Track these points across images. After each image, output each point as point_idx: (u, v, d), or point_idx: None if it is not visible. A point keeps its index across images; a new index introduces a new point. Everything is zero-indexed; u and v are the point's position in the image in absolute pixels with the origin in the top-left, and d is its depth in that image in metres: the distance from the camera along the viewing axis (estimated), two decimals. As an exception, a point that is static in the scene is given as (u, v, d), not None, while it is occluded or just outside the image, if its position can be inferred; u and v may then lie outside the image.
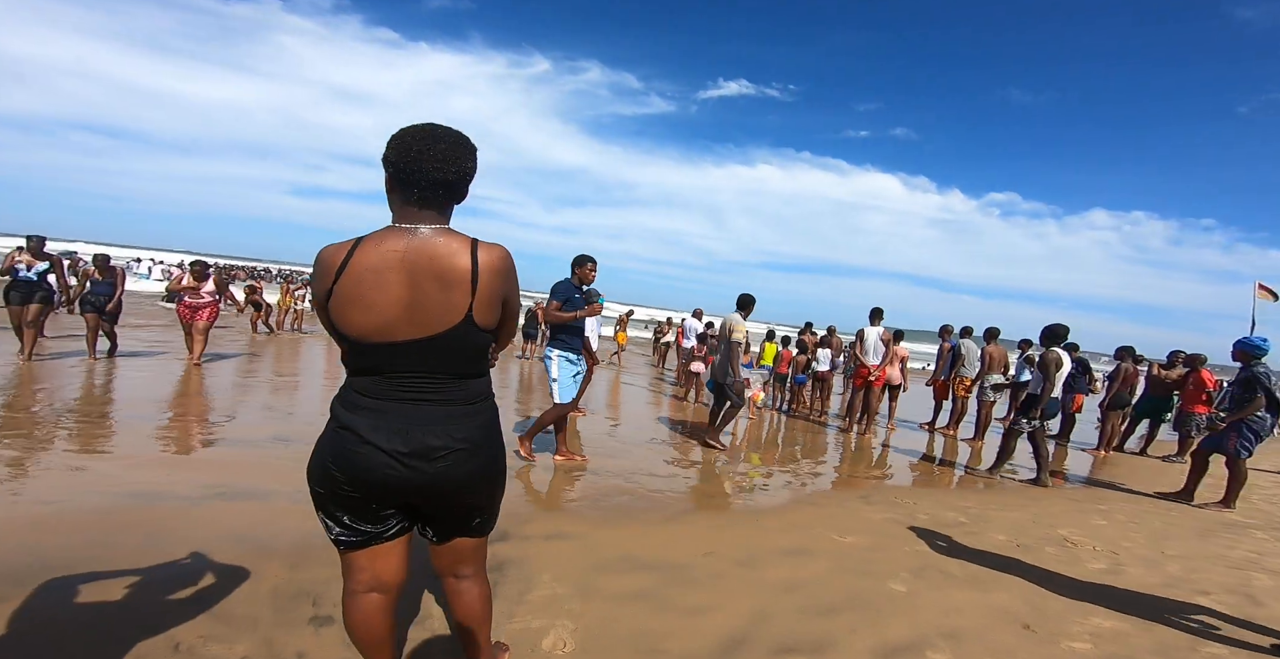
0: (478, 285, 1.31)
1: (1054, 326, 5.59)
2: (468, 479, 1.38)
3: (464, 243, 1.33)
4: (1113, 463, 7.45)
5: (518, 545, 2.91)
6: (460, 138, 1.38)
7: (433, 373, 1.34)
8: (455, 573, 1.57)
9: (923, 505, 4.35)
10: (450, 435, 1.34)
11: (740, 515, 3.75)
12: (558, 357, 4.32)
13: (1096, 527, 4.32)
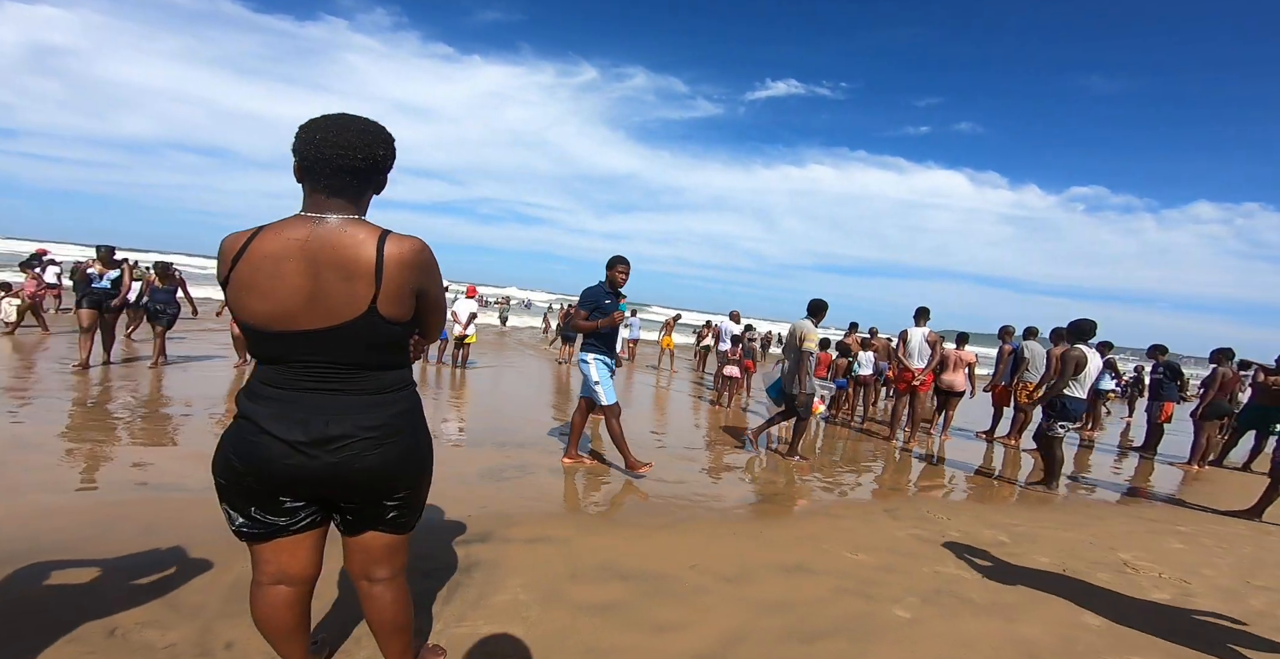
0: (382, 277, 1.28)
1: (1080, 322, 5.12)
2: (377, 469, 1.35)
3: (371, 233, 1.31)
4: (1206, 479, 6.55)
5: (495, 547, 2.83)
6: (369, 125, 1.36)
7: (337, 363, 1.32)
8: (368, 575, 1.51)
9: (958, 521, 3.94)
10: (355, 424, 1.32)
11: (745, 525, 3.50)
12: (594, 360, 4.24)
13: (1169, 551, 3.76)
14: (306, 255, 1.26)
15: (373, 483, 1.36)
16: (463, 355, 10.04)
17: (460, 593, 2.35)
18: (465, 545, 2.83)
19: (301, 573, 1.45)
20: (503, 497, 3.65)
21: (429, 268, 1.37)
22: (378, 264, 1.27)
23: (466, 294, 10.55)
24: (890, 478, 5.22)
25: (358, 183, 1.35)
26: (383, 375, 1.37)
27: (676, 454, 5.24)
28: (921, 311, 7.02)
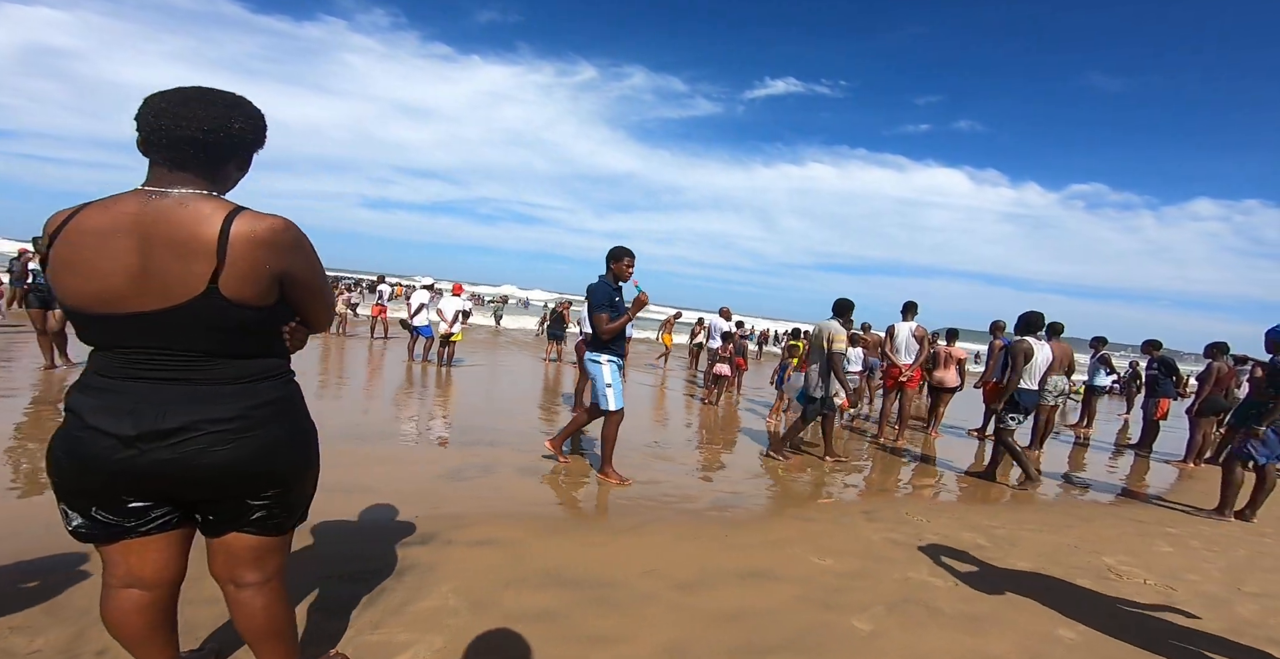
0: (226, 256, 1.17)
1: (1027, 314, 5.13)
2: (229, 465, 1.23)
3: (220, 209, 1.19)
4: (1200, 478, 6.38)
5: (436, 550, 2.70)
6: (222, 96, 1.25)
7: (174, 348, 1.21)
8: (234, 579, 1.40)
9: (938, 523, 3.78)
10: (201, 416, 1.21)
11: (713, 528, 3.35)
12: (608, 362, 3.97)
13: (1158, 555, 3.60)
14: (138, 231, 1.16)
15: (224, 480, 1.25)
16: (448, 353, 9.90)
17: (384, 598, 2.21)
18: (405, 547, 2.70)
19: (156, 577, 1.34)
20: (459, 497, 3.51)
21: (292, 249, 1.25)
22: (221, 241, 1.16)
23: (453, 292, 10.40)
24: (874, 478, 5.06)
25: (206, 157, 1.23)
26: (241, 363, 1.27)
27: (654, 453, 5.09)
28: (909, 306, 6.86)
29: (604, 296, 3.89)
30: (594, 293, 3.92)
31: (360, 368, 9.16)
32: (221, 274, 1.16)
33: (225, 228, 1.16)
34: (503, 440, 5.09)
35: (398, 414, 5.84)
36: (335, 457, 4.07)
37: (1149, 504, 4.97)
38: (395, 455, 4.27)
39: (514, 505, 3.46)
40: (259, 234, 1.19)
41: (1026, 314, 5.13)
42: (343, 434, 4.70)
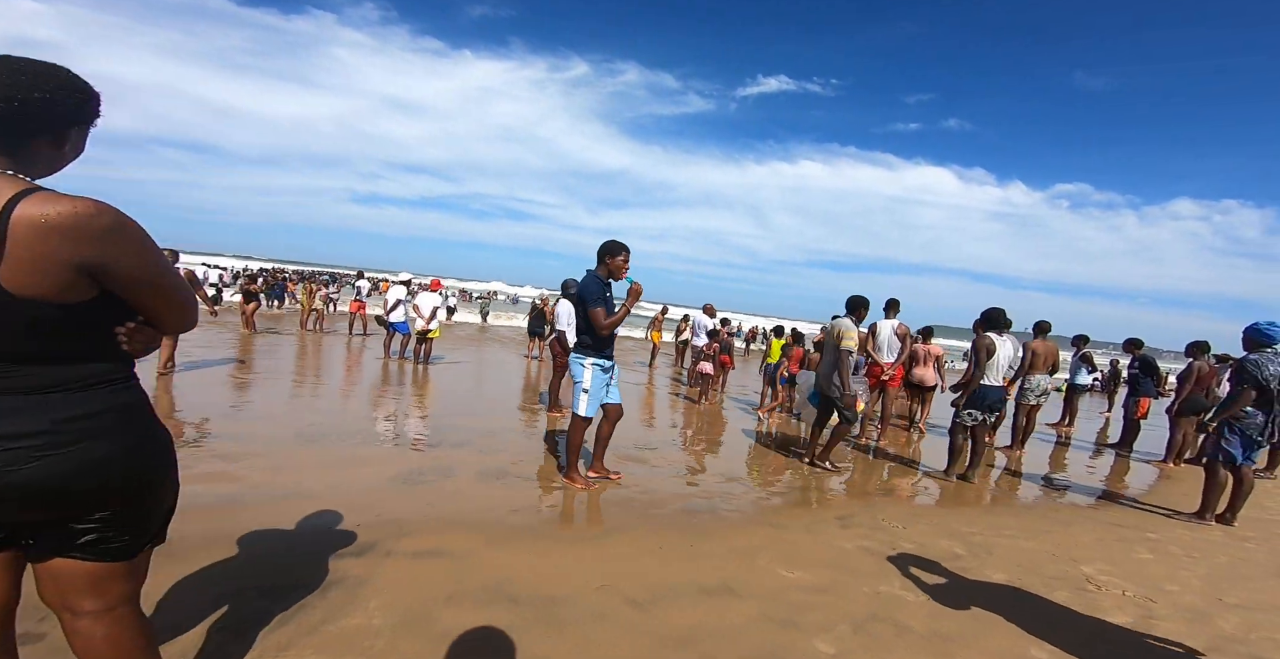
0: (5, 243, 0.99)
1: (989, 311, 5.08)
2: (39, 485, 1.07)
3: (7, 189, 1.02)
4: (1181, 478, 6.33)
5: (373, 562, 2.53)
6: (25, 63, 1.08)
7: None
8: (69, 607, 1.23)
9: (915, 530, 3.65)
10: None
11: (678, 537, 3.19)
12: (590, 364, 3.73)
13: (1137, 563, 3.49)
14: None
15: (30, 502, 1.09)
16: (425, 351, 9.64)
17: (301, 615, 2.03)
18: (338, 559, 2.52)
19: None
20: (410, 503, 3.32)
21: (102, 237, 1.07)
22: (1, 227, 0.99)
23: (430, 287, 10.15)
24: (854, 480, 4.93)
25: (4, 130, 1.06)
26: (52, 370, 1.10)
27: (627, 454, 4.92)
28: (891, 304, 6.74)
29: (597, 291, 3.64)
30: (585, 288, 3.69)
31: (333, 365, 8.90)
32: (0, 264, 0.99)
33: (6, 211, 0.99)
34: (469, 442, 4.90)
35: (361, 414, 5.62)
36: (282, 460, 3.91)
37: (1129, 507, 4.89)
38: (349, 458, 4.07)
39: (469, 512, 3.28)
40: (50, 219, 1.02)
41: (988, 311, 5.07)
42: (297, 436, 4.49)
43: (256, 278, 14.20)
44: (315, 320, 13.14)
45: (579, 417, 3.80)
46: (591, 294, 3.66)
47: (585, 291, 3.69)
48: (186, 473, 3.41)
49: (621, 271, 3.74)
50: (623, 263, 3.73)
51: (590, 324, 3.70)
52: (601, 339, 3.75)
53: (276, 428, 4.68)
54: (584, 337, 3.80)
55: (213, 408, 5.20)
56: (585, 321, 3.74)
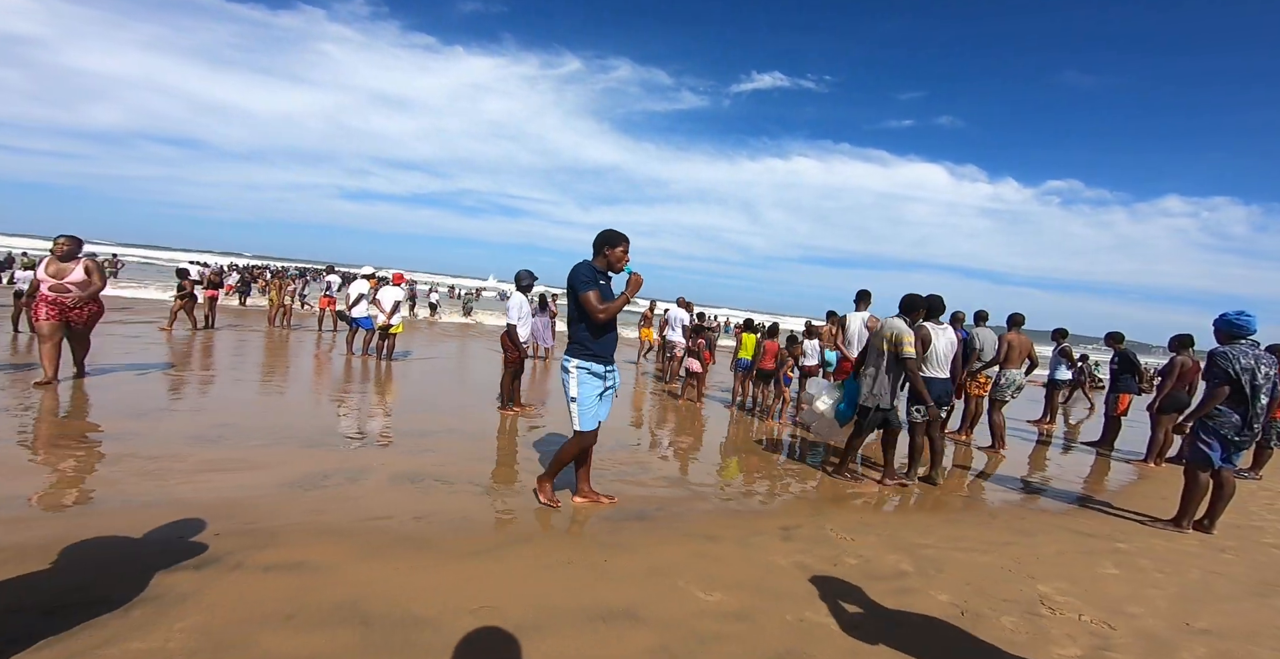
0: None
1: (913, 297, 4.65)
2: None
3: None
4: (1160, 479, 6.05)
5: (211, 576, 2.25)
6: None
7: None
8: None
9: (862, 543, 3.35)
10: None
11: (591, 551, 2.87)
12: (577, 369, 3.24)
13: (1100, 579, 3.20)
14: None
15: None
16: (388, 347, 9.31)
17: (79, 637, 1.76)
18: (170, 573, 2.23)
19: None
20: (293, 509, 3.02)
21: None
22: None
23: (393, 281, 9.78)
24: (807, 486, 4.63)
25: None
26: None
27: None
28: (862, 295, 6.43)
29: (588, 274, 3.19)
30: (575, 273, 3.18)
31: (283, 363, 8.55)
32: None
33: None
34: (397, 442, 4.58)
35: (285, 413, 5.28)
36: (168, 463, 3.52)
37: (1101, 513, 4.60)
38: (246, 460, 3.74)
39: (357, 520, 2.96)
40: None
41: (912, 296, 4.59)
42: (196, 437, 4.14)
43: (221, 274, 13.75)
44: (281, 316, 12.77)
45: (577, 432, 3.31)
46: (581, 276, 3.16)
47: (575, 277, 3.18)
48: (51, 477, 3.21)
49: (621, 264, 3.30)
50: (622, 254, 3.29)
51: (583, 314, 3.19)
52: (596, 334, 3.24)
53: (178, 428, 4.34)
54: (578, 333, 3.24)
55: (122, 407, 4.85)
56: (578, 311, 3.21)
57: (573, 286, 3.20)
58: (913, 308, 4.50)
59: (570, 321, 3.30)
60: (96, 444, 3.84)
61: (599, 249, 3.30)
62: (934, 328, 4.65)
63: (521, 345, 6.08)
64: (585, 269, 3.22)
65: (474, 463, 4.22)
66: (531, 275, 6.24)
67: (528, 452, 4.77)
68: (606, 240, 3.29)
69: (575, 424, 3.29)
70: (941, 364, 4.66)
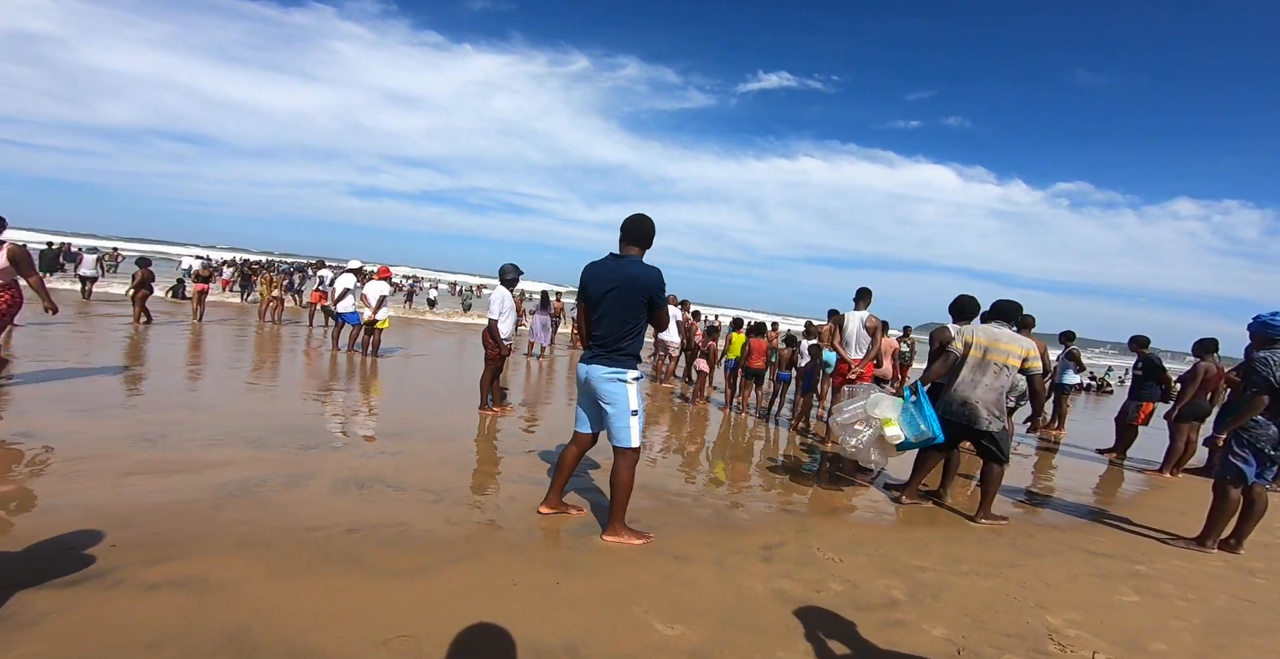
0: None
1: (958, 299, 4.39)
2: None
3: None
4: (1180, 491, 5.68)
5: (82, 595, 1.99)
6: None
7: None
8: None
9: (852, 565, 3.01)
10: None
11: (543, 571, 2.56)
12: (634, 379, 2.91)
13: (1117, 608, 2.85)
14: None
15: None
16: (373, 342, 9.03)
17: None
18: (35, 589, 1.98)
19: None
20: (211, 518, 2.73)
21: None
22: None
23: (378, 275, 9.51)
24: (795, 498, 4.29)
25: None
26: None
27: (545, 462, 4.29)
28: (862, 293, 6.08)
29: None
30: (661, 282, 2.89)
31: (264, 357, 8.28)
32: None
33: None
34: (357, 443, 4.29)
35: (248, 410, 4.98)
36: (89, 465, 3.20)
37: (1117, 529, 4.24)
38: (179, 463, 3.44)
39: (281, 531, 2.66)
40: None
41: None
42: (132, 436, 3.85)
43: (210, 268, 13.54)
44: (272, 311, 12.54)
45: (632, 450, 2.93)
46: (664, 287, 2.90)
47: (661, 286, 2.88)
48: None
49: None
50: None
51: (645, 325, 2.95)
52: (642, 344, 3.03)
53: (119, 427, 4.05)
54: (634, 344, 2.92)
55: (63, 404, 4.56)
56: (641, 322, 2.91)
57: (654, 296, 2.87)
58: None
59: (624, 331, 2.88)
60: (17, 443, 3.55)
61: (648, 239, 2.96)
62: (959, 329, 4.26)
63: (503, 343, 5.77)
64: (662, 278, 2.92)
65: (435, 468, 3.91)
66: (516, 270, 5.93)
67: (499, 456, 4.46)
68: (655, 229, 2.97)
69: (634, 440, 2.92)
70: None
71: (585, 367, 2.97)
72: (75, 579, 2.07)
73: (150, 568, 2.20)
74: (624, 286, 2.84)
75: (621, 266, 2.88)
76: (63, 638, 1.77)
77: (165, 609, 1.96)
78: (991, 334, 3.94)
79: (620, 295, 2.85)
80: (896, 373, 6.77)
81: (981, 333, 3.97)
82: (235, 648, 1.79)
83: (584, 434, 3.11)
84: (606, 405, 2.93)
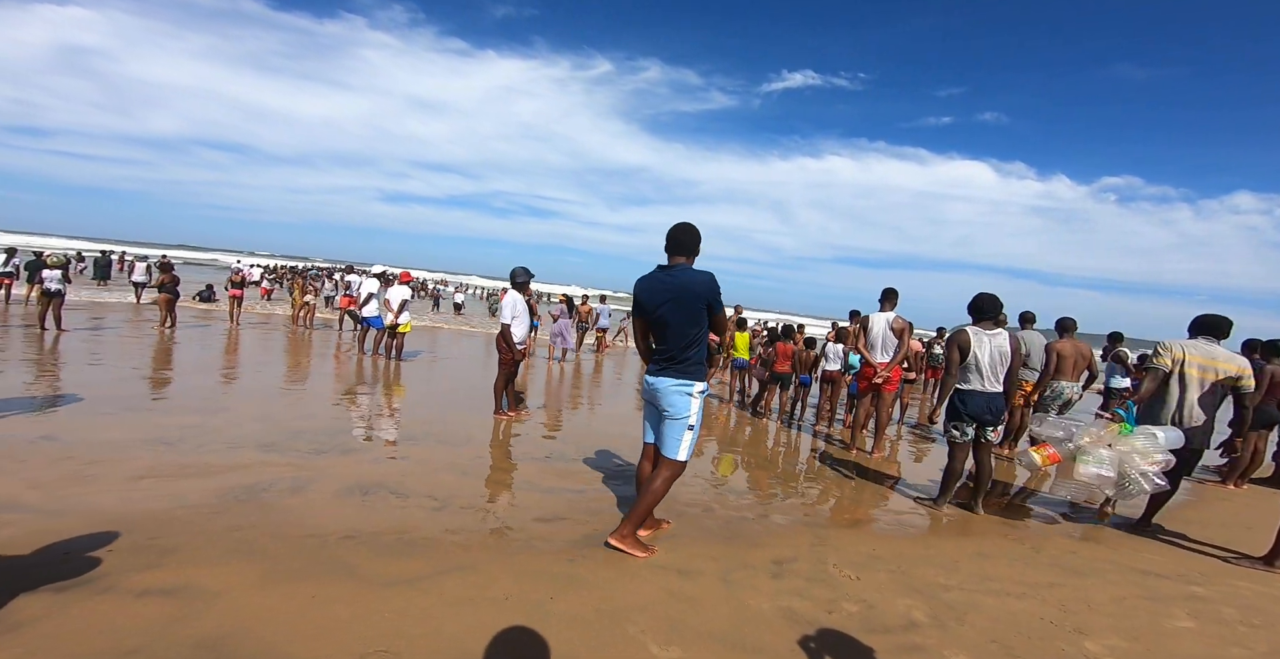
0: None
1: (976, 297, 4.13)
2: None
3: None
4: (1244, 504, 5.22)
5: (69, 599, 1.99)
6: None
7: None
8: None
9: (869, 583, 2.81)
10: None
11: (540, 585, 2.44)
12: (700, 393, 2.83)
13: (1169, 634, 2.57)
14: None
15: None
16: (396, 346, 9.16)
17: None
18: (27, 595, 2.00)
19: None
20: (210, 524, 2.73)
21: None
22: None
23: (400, 280, 9.65)
24: (815, 507, 4.09)
25: None
26: None
27: (556, 468, 4.21)
28: (888, 294, 5.82)
29: None
30: (716, 287, 2.77)
31: (290, 360, 8.47)
32: None
33: None
34: (361, 449, 4.28)
35: (267, 413, 5.05)
36: (105, 468, 3.27)
37: (1171, 546, 3.89)
38: (195, 465, 3.48)
39: (277, 538, 2.64)
40: None
41: (978, 296, 4.11)
42: (148, 440, 3.92)
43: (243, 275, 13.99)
44: (304, 316, 12.89)
45: (679, 462, 2.84)
46: (719, 292, 2.78)
47: (716, 291, 2.76)
48: None
49: None
50: None
51: (705, 332, 2.82)
52: (706, 354, 2.90)
53: (136, 430, 4.14)
54: (697, 353, 2.81)
55: (92, 407, 4.71)
56: (701, 328, 2.79)
57: (712, 302, 2.77)
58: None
59: (688, 341, 2.78)
60: (39, 445, 3.65)
61: (695, 246, 2.88)
62: (975, 333, 4.02)
63: (517, 346, 5.73)
64: (716, 282, 2.81)
65: (442, 473, 3.86)
66: (527, 272, 5.89)
67: (509, 463, 4.39)
68: (699, 237, 2.89)
69: (683, 455, 2.83)
70: (986, 375, 3.98)
71: (652, 378, 2.88)
72: (68, 585, 2.08)
73: (139, 574, 2.19)
74: (680, 296, 2.76)
75: (673, 277, 2.80)
76: (47, 643, 1.77)
77: (149, 617, 1.94)
78: (1206, 351, 3.78)
79: (678, 306, 2.77)
80: (923, 372, 6.44)
81: (1194, 349, 3.80)
82: (209, 658, 1.75)
83: (652, 446, 3.00)
84: (666, 415, 2.83)
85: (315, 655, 1.84)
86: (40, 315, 8.90)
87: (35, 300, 9.78)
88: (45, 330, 8.69)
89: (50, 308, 8.90)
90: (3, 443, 3.63)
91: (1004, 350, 3.98)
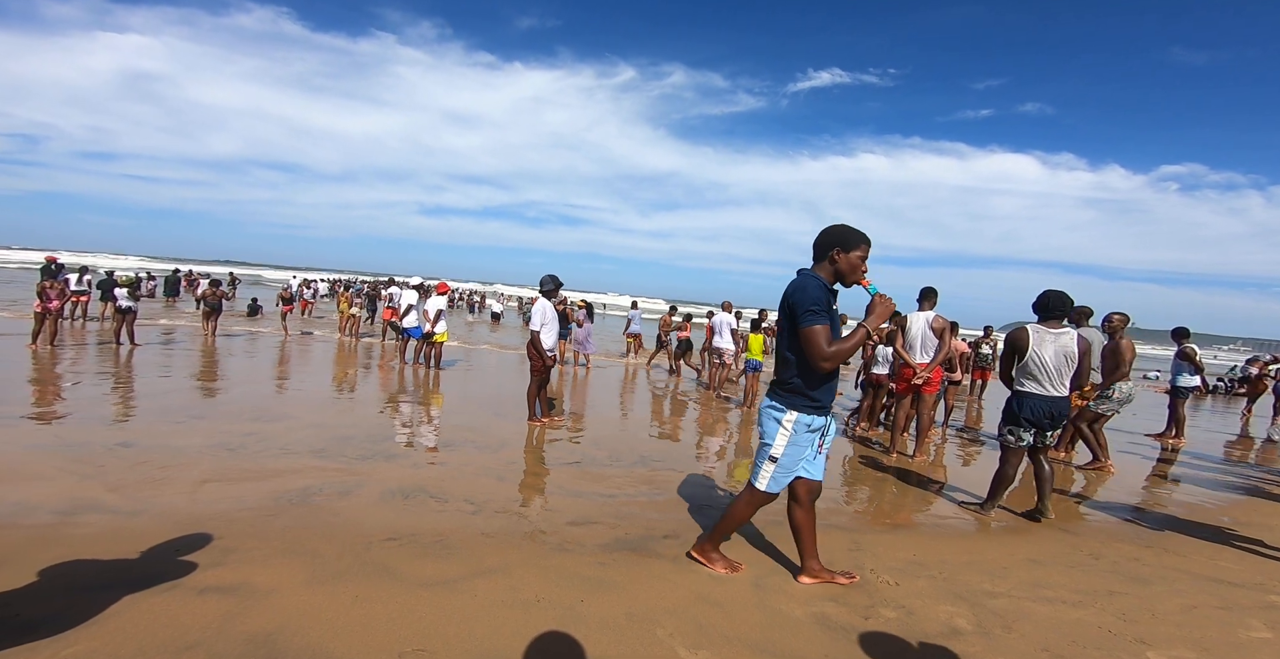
0: None
1: (1046, 295, 3.82)
2: None
3: None
4: (1333, 511, 4.78)
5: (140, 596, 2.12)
6: None
7: None
8: None
9: (910, 589, 2.72)
10: None
11: (566, 588, 2.47)
12: (792, 422, 2.46)
13: (1243, 647, 2.39)
14: None
15: None
16: (435, 355, 9.43)
17: None
18: (101, 591, 2.15)
19: None
20: (266, 526, 2.90)
21: None
22: None
23: (437, 291, 9.94)
24: (854, 510, 3.98)
25: None
26: None
27: (587, 473, 4.25)
28: (926, 293, 5.64)
29: (817, 297, 2.34)
30: (801, 292, 2.37)
31: (336, 370, 8.84)
32: None
33: None
34: (403, 454, 4.43)
35: (318, 420, 5.29)
36: (175, 472, 3.50)
37: (1250, 553, 3.61)
38: (252, 471, 3.68)
39: (325, 539, 2.76)
40: None
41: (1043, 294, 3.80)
42: (216, 445, 4.18)
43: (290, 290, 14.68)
44: (350, 328, 13.43)
45: (757, 491, 2.58)
46: (810, 299, 2.33)
47: (800, 296, 2.36)
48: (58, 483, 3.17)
49: (858, 274, 2.46)
50: (860, 260, 2.44)
51: (805, 352, 2.35)
52: (820, 377, 2.42)
53: (202, 437, 4.41)
54: (792, 373, 2.45)
55: (164, 416, 5.04)
56: (797, 344, 2.38)
57: (794, 310, 2.37)
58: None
59: (782, 358, 2.49)
60: (118, 452, 3.93)
61: (826, 251, 2.45)
62: (1036, 332, 3.78)
63: (546, 354, 5.82)
64: (815, 288, 2.38)
65: (478, 477, 3.96)
66: (555, 280, 5.98)
67: (543, 468, 4.46)
68: (839, 240, 2.43)
69: (761, 484, 2.55)
70: (1050, 377, 3.70)
71: None
72: (138, 582, 2.23)
73: (202, 573, 2.33)
74: (781, 308, 2.44)
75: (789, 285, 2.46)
76: (115, 637, 1.89)
77: (208, 613, 2.06)
78: None
79: (782, 319, 2.48)
80: (974, 374, 6.19)
81: None
82: (258, 653, 1.85)
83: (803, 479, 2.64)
84: (761, 436, 2.57)
85: (356, 652, 1.91)
86: (115, 331, 9.60)
87: (110, 317, 10.55)
88: (120, 345, 9.35)
89: (124, 324, 9.58)
90: (85, 449, 3.93)
91: (1070, 351, 3.72)
